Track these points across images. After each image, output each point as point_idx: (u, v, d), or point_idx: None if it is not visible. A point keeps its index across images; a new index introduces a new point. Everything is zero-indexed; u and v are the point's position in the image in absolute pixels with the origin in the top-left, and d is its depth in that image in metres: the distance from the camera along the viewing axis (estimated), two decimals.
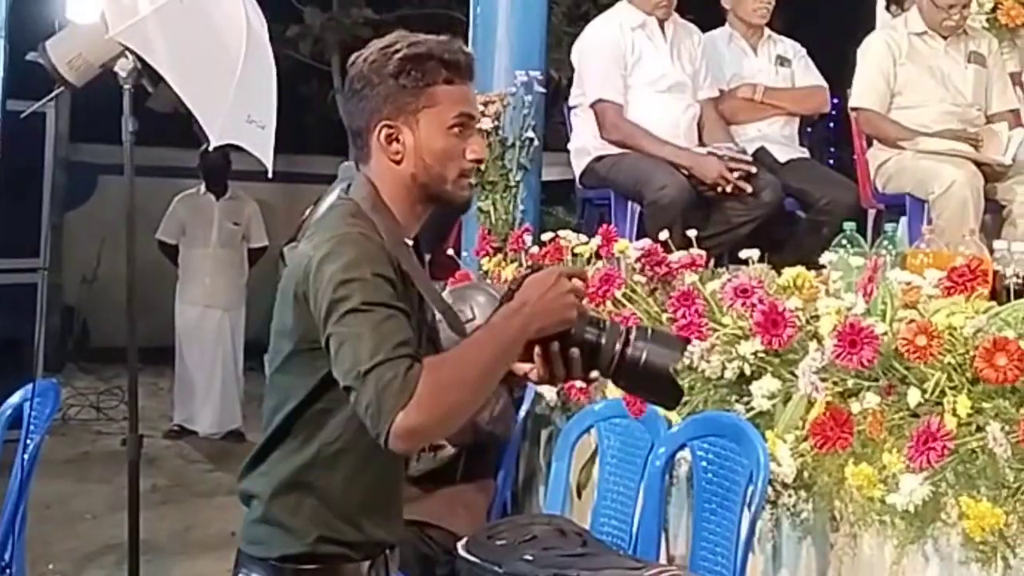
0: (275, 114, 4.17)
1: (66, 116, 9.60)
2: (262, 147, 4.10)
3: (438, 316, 2.30)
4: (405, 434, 1.95)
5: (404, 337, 2.03)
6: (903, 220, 4.66)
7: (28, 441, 3.20)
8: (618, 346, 2.09)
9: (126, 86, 4.00)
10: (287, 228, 3.90)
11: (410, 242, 2.29)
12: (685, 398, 3.52)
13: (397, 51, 2.26)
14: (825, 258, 3.57)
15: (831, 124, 9.92)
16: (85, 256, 10.15)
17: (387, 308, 2.06)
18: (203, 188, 8.18)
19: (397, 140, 2.23)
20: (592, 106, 4.98)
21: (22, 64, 5.86)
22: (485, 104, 5.03)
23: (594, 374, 2.15)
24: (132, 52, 3.92)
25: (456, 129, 2.24)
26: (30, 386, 3.27)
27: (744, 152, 4.94)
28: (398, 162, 2.24)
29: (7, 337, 6.97)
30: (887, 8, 5.62)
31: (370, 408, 1.97)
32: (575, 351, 2.10)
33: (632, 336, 2.10)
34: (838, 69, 5.51)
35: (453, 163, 2.25)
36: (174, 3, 3.92)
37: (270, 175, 4.16)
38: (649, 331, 2.13)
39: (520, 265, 4.57)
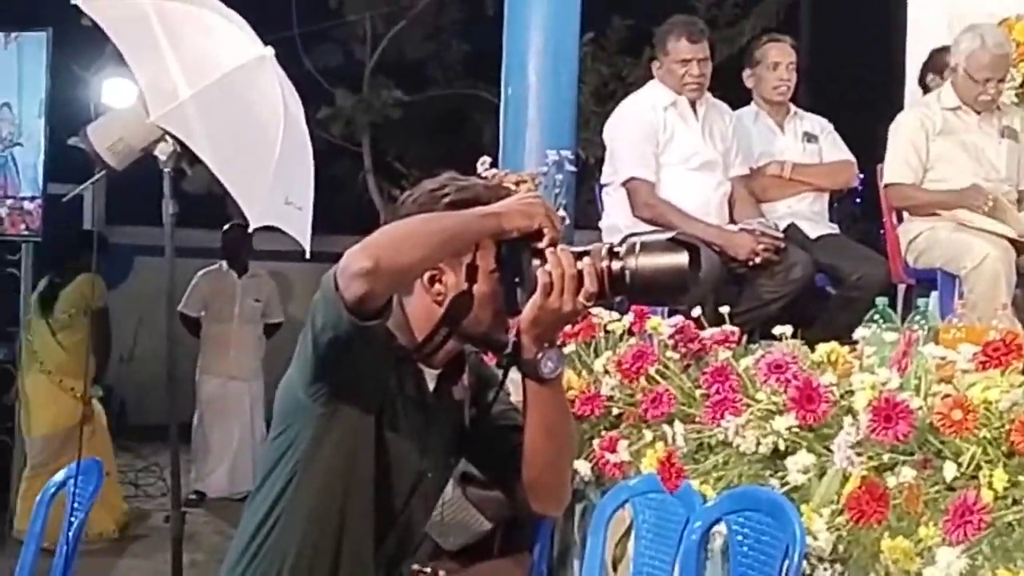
0: (312, 196, 4.23)
1: (102, 198, 9.76)
2: (300, 229, 4.15)
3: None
4: (344, 264, 2.03)
5: None
6: (934, 295, 4.69)
7: (72, 519, 3.25)
8: (603, 264, 2.13)
9: (166, 169, 4.08)
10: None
11: (435, 371, 2.34)
12: (720, 472, 3.55)
13: (446, 195, 2.27)
14: (858, 333, 3.59)
15: (857, 200, 9.97)
16: (122, 336, 10.26)
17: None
18: (225, 266, 8.46)
19: (440, 281, 2.25)
20: (624, 184, 5.03)
21: (60, 148, 5.99)
22: (517, 183, 5.08)
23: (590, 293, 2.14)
24: (172, 136, 3.99)
25: (498, 274, 2.23)
26: (74, 464, 3.32)
27: (776, 227, 4.99)
28: (440, 303, 2.26)
29: None
30: (920, 82, 5.65)
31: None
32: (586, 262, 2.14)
33: (618, 252, 2.13)
34: (865, 144, 5.57)
35: (492, 307, 2.26)
36: (213, 87, 3.99)
37: (307, 256, 4.22)
38: (636, 245, 2.13)
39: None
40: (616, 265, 2.13)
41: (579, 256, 2.15)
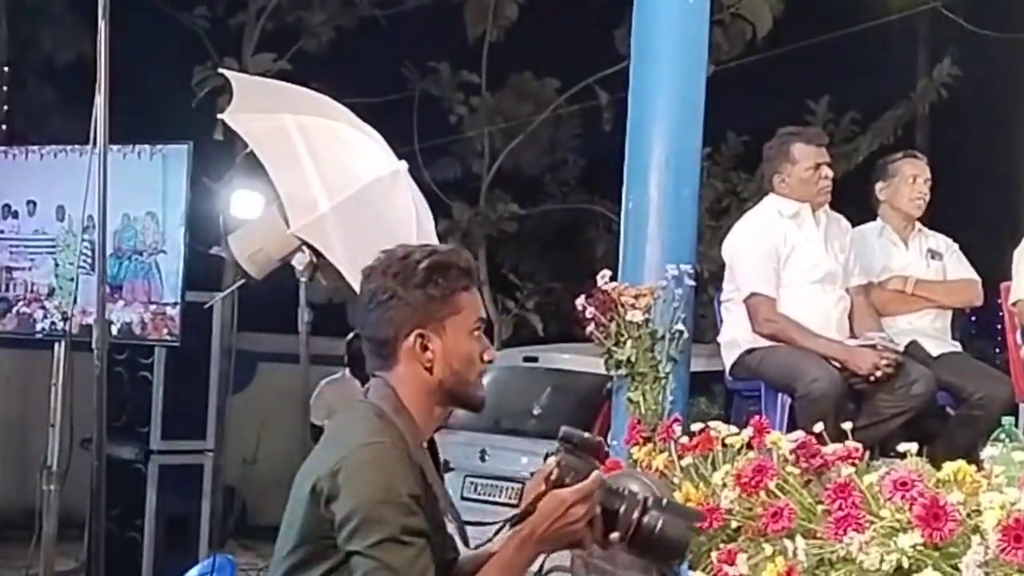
0: None
1: (232, 306, 10.00)
2: None
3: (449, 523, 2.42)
4: None
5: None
6: None
7: None
8: (635, 514, 2.32)
9: (302, 279, 4.21)
10: None
11: (425, 444, 2.45)
12: None
13: (419, 261, 2.39)
14: (986, 453, 3.58)
15: (972, 318, 9.87)
16: (245, 439, 10.56)
17: (421, 538, 2.22)
18: (347, 373, 8.56)
19: (428, 348, 2.37)
20: (745, 301, 5.07)
21: (194, 256, 6.21)
22: (636, 297, 5.10)
23: (614, 535, 2.34)
24: (310, 247, 4.13)
25: (476, 332, 2.40)
26: (208, 560, 3.42)
27: (892, 341, 4.98)
28: (430, 369, 2.38)
29: (175, 514, 7.26)
30: None
31: None
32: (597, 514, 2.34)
33: (649, 505, 2.34)
34: (987, 263, 5.55)
35: (475, 366, 2.42)
36: (351, 200, 4.13)
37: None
38: (664, 501, 2.37)
39: (669, 455, 4.61)
40: (646, 518, 2.35)
41: (617, 493, 2.38)
